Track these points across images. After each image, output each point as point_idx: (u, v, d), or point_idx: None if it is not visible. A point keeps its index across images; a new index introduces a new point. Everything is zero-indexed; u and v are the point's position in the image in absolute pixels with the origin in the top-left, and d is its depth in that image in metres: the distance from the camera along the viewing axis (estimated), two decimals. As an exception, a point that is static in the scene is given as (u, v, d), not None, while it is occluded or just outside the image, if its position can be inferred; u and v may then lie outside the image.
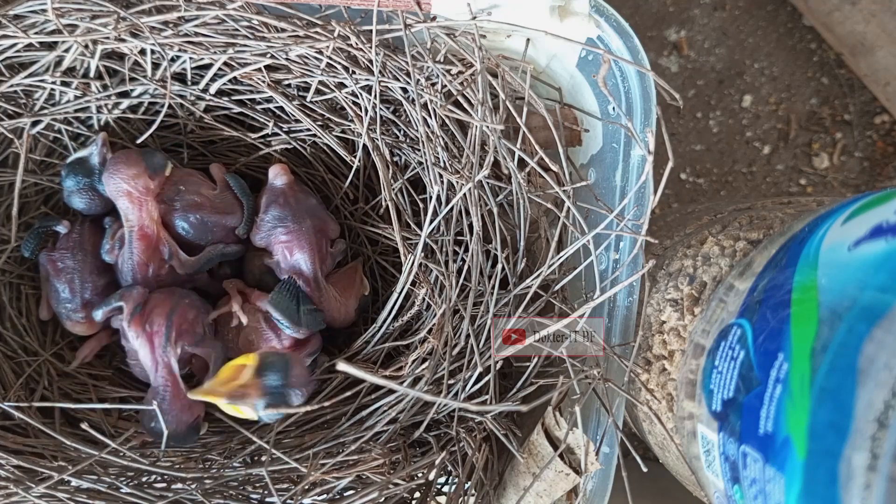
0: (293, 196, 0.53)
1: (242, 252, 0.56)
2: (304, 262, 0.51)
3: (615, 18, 0.44)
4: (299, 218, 0.52)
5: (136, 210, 0.50)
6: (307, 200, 0.53)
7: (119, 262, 0.52)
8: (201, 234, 0.52)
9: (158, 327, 0.47)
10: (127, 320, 0.48)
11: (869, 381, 0.27)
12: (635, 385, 0.47)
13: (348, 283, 0.55)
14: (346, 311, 0.54)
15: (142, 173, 0.50)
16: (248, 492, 0.47)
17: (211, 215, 0.52)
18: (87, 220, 0.55)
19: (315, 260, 0.52)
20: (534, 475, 0.43)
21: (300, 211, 0.52)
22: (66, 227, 0.54)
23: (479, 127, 0.45)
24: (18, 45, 0.49)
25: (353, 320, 0.55)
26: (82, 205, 0.52)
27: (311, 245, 0.52)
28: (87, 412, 0.52)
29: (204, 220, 0.52)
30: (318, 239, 0.52)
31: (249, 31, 0.49)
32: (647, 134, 0.41)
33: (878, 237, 0.31)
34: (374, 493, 0.43)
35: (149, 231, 0.50)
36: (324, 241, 0.53)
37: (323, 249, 0.53)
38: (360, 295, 0.55)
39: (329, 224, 0.54)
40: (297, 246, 0.51)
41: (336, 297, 0.53)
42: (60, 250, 0.53)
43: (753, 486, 0.33)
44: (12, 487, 0.43)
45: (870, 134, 0.86)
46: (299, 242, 0.51)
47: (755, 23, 0.87)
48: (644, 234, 0.42)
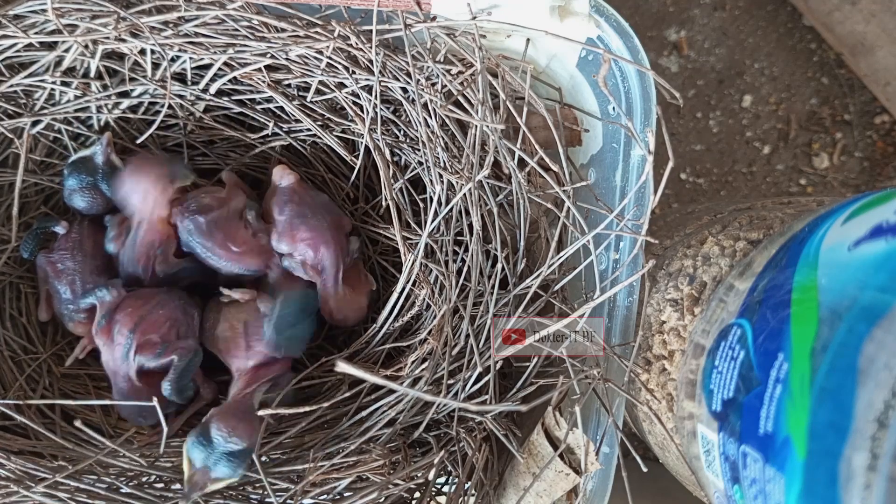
0: (305, 193, 0.52)
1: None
2: (328, 259, 0.51)
3: (615, 18, 0.44)
4: (318, 213, 0.51)
5: (149, 207, 0.51)
6: (320, 196, 0.53)
7: (120, 254, 0.52)
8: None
9: (120, 339, 0.48)
10: (94, 329, 0.49)
11: (869, 381, 0.27)
12: (635, 385, 0.47)
13: (356, 280, 0.55)
14: (359, 308, 0.54)
15: (162, 176, 0.50)
16: (247, 492, 0.47)
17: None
18: (85, 220, 0.55)
19: (339, 255, 0.51)
20: (534, 475, 0.43)
21: (317, 207, 0.52)
22: (65, 227, 0.53)
23: (480, 127, 0.45)
24: (18, 45, 0.49)
25: (364, 317, 0.55)
26: (84, 204, 0.52)
27: (334, 240, 0.51)
28: (87, 413, 0.52)
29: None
30: (337, 234, 0.52)
31: (249, 31, 0.49)
32: (647, 134, 0.41)
33: (878, 237, 0.31)
34: (374, 494, 0.43)
35: (156, 227, 0.51)
36: (342, 236, 0.53)
37: (343, 245, 0.53)
38: (369, 290, 0.55)
39: (343, 218, 0.54)
40: (323, 241, 0.51)
41: (349, 296, 0.53)
42: (60, 251, 0.53)
43: (753, 486, 0.33)
44: (13, 487, 0.43)
45: (870, 134, 0.86)
46: (323, 237, 0.51)
47: (755, 23, 0.87)
48: (644, 234, 0.42)
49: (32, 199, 0.57)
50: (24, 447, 0.47)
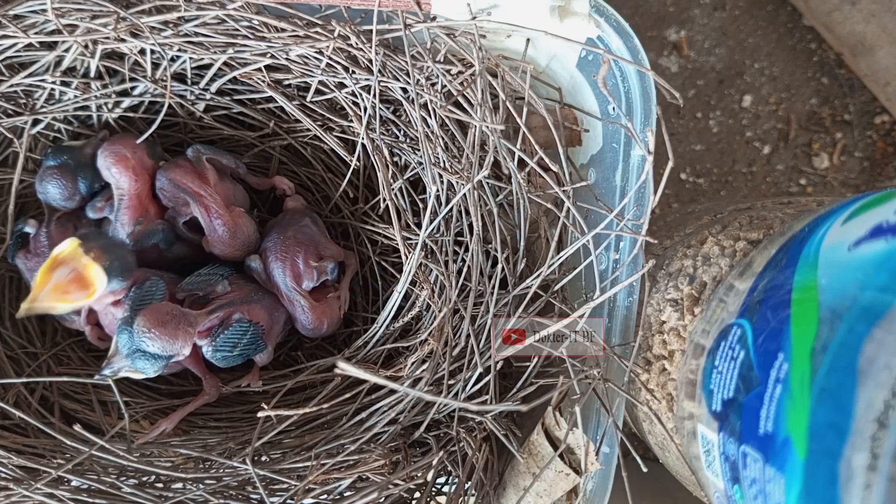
0: (293, 216, 0.55)
1: (195, 241, 0.55)
2: (276, 270, 0.52)
3: (615, 18, 0.44)
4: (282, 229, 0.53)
5: (130, 178, 0.51)
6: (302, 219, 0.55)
7: (109, 231, 0.52)
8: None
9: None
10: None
11: (869, 381, 0.27)
12: (635, 385, 0.47)
13: (323, 292, 0.55)
14: (332, 313, 0.54)
15: (140, 149, 0.51)
16: (248, 492, 0.47)
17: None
18: (52, 219, 0.53)
19: (287, 270, 0.52)
20: (534, 475, 0.43)
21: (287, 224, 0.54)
22: (34, 226, 0.52)
23: (479, 127, 0.45)
24: (18, 45, 0.49)
25: (340, 320, 0.55)
26: (52, 188, 0.51)
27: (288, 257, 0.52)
28: (87, 413, 0.52)
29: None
30: (298, 251, 0.53)
31: (249, 31, 0.49)
32: (647, 134, 0.41)
33: (878, 237, 0.31)
34: (374, 494, 0.43)
35: (139, 201, 0.51)
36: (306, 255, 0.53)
37: (298, 263, 0.53)
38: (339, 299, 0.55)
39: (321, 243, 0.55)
40: (272, 254, 0.52)
41: (315, 305, 0.53)
42: (34, 255, 0.52)
43: (753, 486, 0.33)
44: (13, 487, 0.43)
45: (870, 134, 0.86)
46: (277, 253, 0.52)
47: (755, 23, 0.87)
48: (644, 234, 0.42)
49: (32, 199, 0.57)
50: (24, 447, 0.47)
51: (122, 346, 0.44)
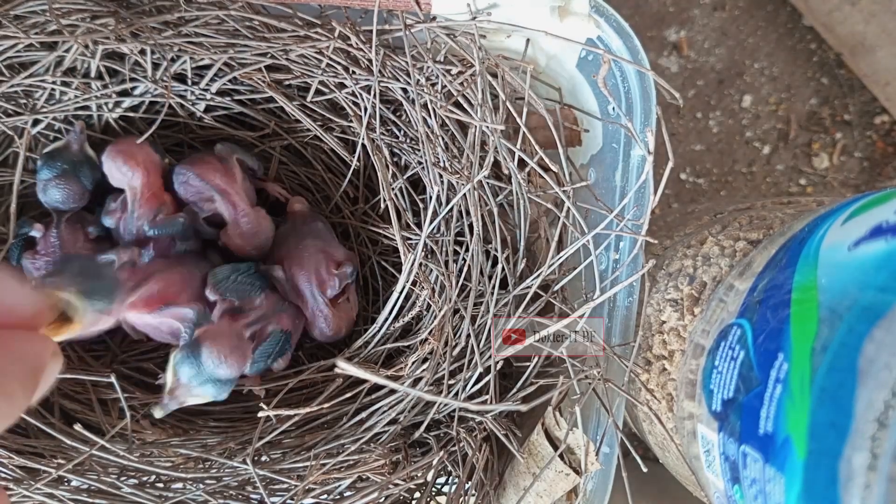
0: (304, 219, 0.55)
1: (210, 235, 0.55)
2: (303, 281, 0.52)
3: (615, 18, 0.44)
4: (300, 238, 0.53)
5: (143, 173, 0.51)
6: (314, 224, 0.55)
7: (121, 227, 0.52)
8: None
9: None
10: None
11: (869, 381, 0.27)
12: (635, 385, 0.47)
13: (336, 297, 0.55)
14: (348, 317, 0.54)
15: (147, 146, 0.52)
16: (248, 492, 0.47)
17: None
18: (61, 220, 0.53)
19: (312, 280, 0.52)
20: (534, 475, 0.43)
21: (303, 232, 0.54)
22: (40, 230, 0.52)
23: (479, 127, 0.45)
24: (19, 46, 0.49)
25: (353, 323, 0.56)
26: (59, 195, 0.51)
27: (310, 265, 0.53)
28: (87, 413, 0.52)
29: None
30: (320, 260, 0.53)
31: (250, 32, 0.49)
32: (647, 134, 0.41)
33: (878, 237, 0.31)
34: (374, 494, 0.43)
35: (154, 194, 0.52)
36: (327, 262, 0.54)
37: (322, 272, 0.53)
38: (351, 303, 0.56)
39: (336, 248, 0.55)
40: (297, 264, 0.52)
41: (335, 312, 0.53)
42: (43, 257, 0.51)
43: (753, 486, 0.33)
44: (13, 487, 0.43)
45: (870, 134, 0.86)
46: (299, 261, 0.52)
47: (755, 23, 0.87)
48: (644, 234, 0.42)
49: (32, 198, 0.57)
50: (23, 447, 0.47)
51: (187, 377, 0.42)
